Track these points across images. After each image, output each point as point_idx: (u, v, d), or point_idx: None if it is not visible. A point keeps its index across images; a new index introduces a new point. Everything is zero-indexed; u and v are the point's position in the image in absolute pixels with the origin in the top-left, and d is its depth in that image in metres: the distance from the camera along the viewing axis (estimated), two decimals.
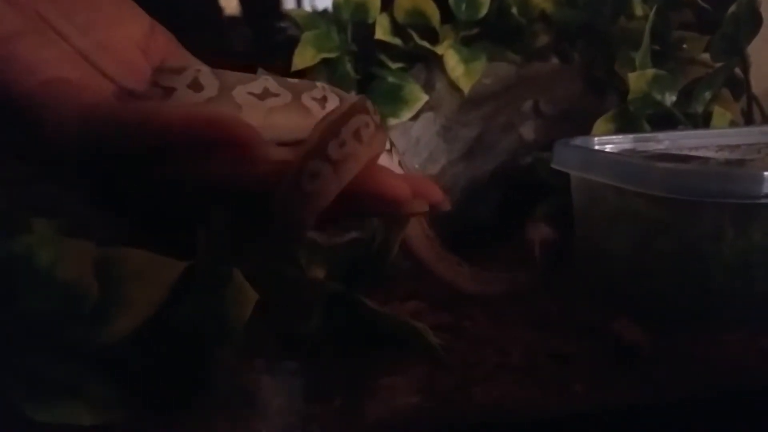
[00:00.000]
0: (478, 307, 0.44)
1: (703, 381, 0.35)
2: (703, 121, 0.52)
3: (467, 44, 0.57)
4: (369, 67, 0.54)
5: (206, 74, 0.32)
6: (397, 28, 0.55)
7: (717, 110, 0.51)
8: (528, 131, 0.57)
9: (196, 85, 0.31)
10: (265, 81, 0.33)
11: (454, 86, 0.56)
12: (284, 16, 0.54)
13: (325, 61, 0.52)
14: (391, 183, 0.30)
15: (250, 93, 0.32)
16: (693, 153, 0.48)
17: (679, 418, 0.34)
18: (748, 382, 0.35)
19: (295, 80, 0.35)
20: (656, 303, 0.40)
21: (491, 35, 0.58)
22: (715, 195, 0.35)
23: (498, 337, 0.40)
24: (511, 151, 0.57)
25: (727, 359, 0.36)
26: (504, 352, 0.38)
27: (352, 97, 0.37)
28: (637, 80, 0.49)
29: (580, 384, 0.34)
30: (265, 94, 0.32)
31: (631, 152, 0.49)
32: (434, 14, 0.55)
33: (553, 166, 0.46)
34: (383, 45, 0.54)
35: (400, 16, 0.55)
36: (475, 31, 0.58)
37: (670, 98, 0.50)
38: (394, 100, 0.52)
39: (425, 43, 0.54)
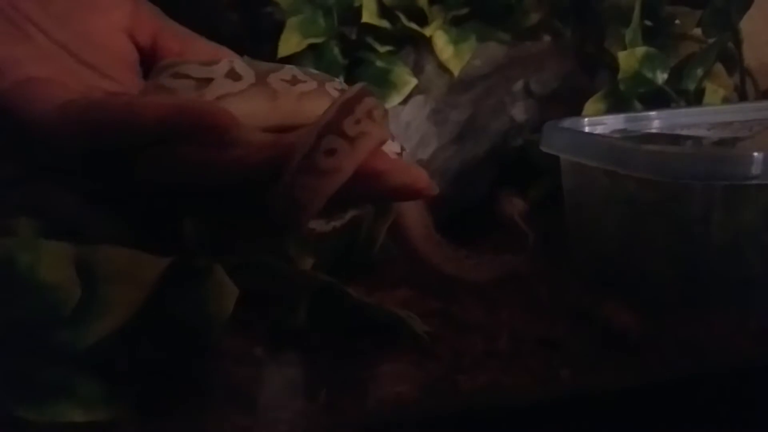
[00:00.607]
0: (468, 292, 0.44)
1: (691, 363, 0.35)
2: (696, 98, 0.51)
3: (456, 24, 0.56)
4: (356, 51, 0.54)
5: (239, 64, 0.33)
6: (384, 11, 0.54)
7: (709, 87, 0.50)
8: (519, 112, 0.56)
9: (234, 75, 0.32)
10: (291, 69, 0.34)
11: (443, 68, 0.55)
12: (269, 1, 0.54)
13: (311, 47, 0.52)
14: (413, 170, 0.31)
15: (282, 79, 0.33)
16: (685, 132, 0.48)
17: (666, 400, 0.33)
18: (736, 364, 0.35)
19: (316, 71, 0.36)
20: (646, 285, 0.40)
21: (481, 14, 0.57)
22: (703, 177, 0.35)
23: (487, 323, 0.40)
24: (502, 133, 0.56)
25: (715, 341, 0.36)
26: (492, 339, 0.38)
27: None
28: (627, 59, 0.48)
29: (567, 369, 0.34)
30: (294, 81, 0.33)
31: (622, 132, 0.48)
32: None
33: (542, 148, 0.45)
34: (370, 28, 0.53)
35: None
36: (464, 11, 0.57)
37: (661, 76, 0.50)
38: (383, 84, 0.51)
39: (413, 25, 0.53)
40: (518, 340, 0.38)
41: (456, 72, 0.54)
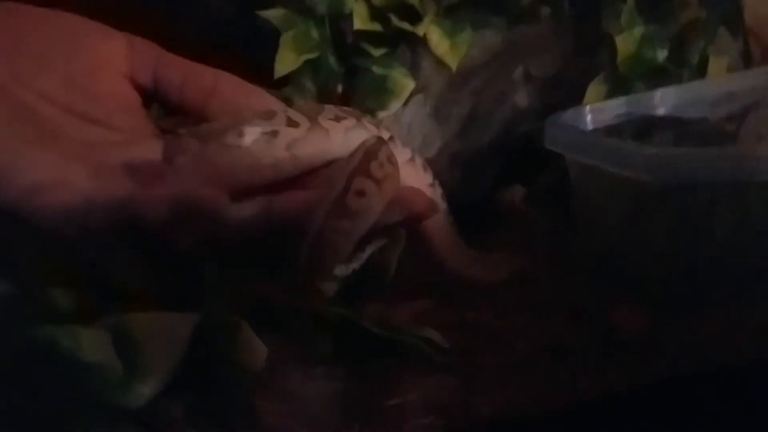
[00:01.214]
0: (483, 297, 0.45)
1: (692, 360, 0.36)
2: (700, 70, 0.51)
3: (450, 14, 0.55)
4: (351, 57, 0.53)
5: (292, 112, 0.34)
6: (375, 13, 0.54)
7: (713, 59, 0.49)
8: (522, 99, 0.56)
9: (292, 123, 0.33)
10: (332, 108, 0.36)
11: (441, 63, 0.54)
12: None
13: (308, 60, 0.52)
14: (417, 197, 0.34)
15: (329, 119, 0.35)
16: (690, 111, 0.47)
17: (667, 398, 0.34)
18: (737, 360, 0.35)
19: (349, 109, 0.38)
20: (651, 281, 0.40)
21: (473, 0, 0.56)
22: (704, 178, 0.35)
23: (504, 332, 0.41)
24: (506, 122, 0.56)
25: (716, 337, 0.36)
26: (510, 350, 0.39)
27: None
28: (624, 42, 0.48)
29: (583, 379, 0.35)
30: (338, 118, 0.35)
31: (626, 117, 0.48)
32: None
33: (546, 145, 0.45)
34: (364, 33, 0.53)
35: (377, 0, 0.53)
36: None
37: (661, 54, 0.49)
38: (381, 91, 0.51)
39: (406, 25, 0.53)
40: (535, 350, 0.38)
41: (454, 66, 0.54)
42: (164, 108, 0.41)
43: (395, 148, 0.37)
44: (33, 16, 0.36)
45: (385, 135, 0.37)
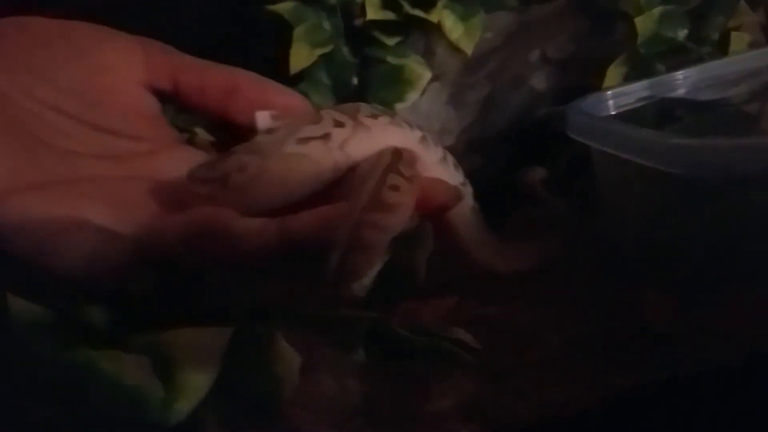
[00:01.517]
0: (512, 288, 0.45)
1: (727, 349, 0.36)
2: (721, 46, 0.50)
3: None
4: (364, 47, 0.53)
5: (334, 113, 0.34)
6: (387, 0, 0.53)
7: (734, 35, 0.48)
8: (539, 81, 0.55)
9: (338, 123, 0.33)
10: (367, 106, 0.36)
11: (455, 48, 0.54)
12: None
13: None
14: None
15: (367, 116, 0.35)
16: (713, 90, 0.47)
17: (703, 390, 0.34)
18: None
19: (382, 108, 0.38)
20: (677, 268, 0.40)
21: None
22: (730, 170, 0.35)
23: (536, 326, 0.41)
24: (524, 105, 0.56)
25: (747, 327, 0.36)
26: (543, 347, 0.39)
27: None
28: (643, 23, 0.47)
29: (619, 376, 0.35)
30: (374, 116, 0.35)
31: (648, 100, 0.47)
32: None
33: (569, 134, 0.45)
34: (376, 21, 0.52)
35: None
36: None
37: (681, 33, 0.48)
38: (397, 83, 0.51)
39: (418, 12, 0.52)
40: (568, 345, 0.38)
41: (469, 51, 0.53)
42: (179, 106, 0.41)
43: (428, 147, 0.37)
44: (46, 30, 0.36)
45: (418, 133, 0.37)
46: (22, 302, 0.32)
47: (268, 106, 0.36)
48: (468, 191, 0.41)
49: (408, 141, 0.36)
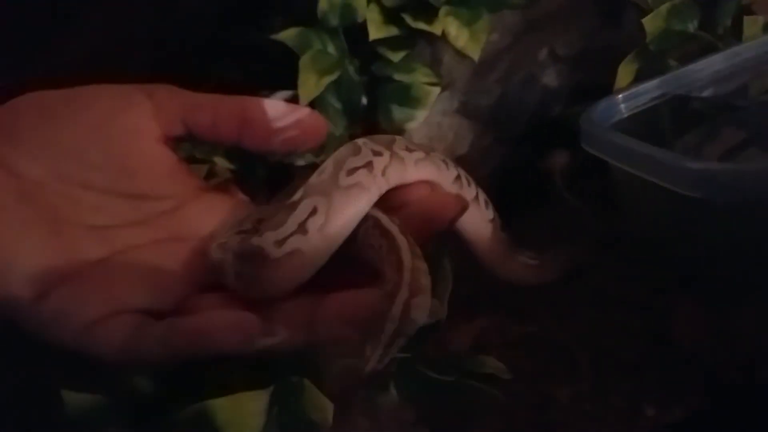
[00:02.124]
0: (540, 303, 0.45)
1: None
2: (735, 32, 0.49)
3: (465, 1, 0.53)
4: (370, 65, 0.52)
5: (371, 143, 0.35)
6: (388, 15, 0.52)
7: (747, 19, 0.47)
8: (551, 79, 0.54)
9: (377, 152, 0.34)
10: (402, 140, 0.36)
11: (463, 54, 0.53)
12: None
13: None
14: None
15: (402, 149, 0.35)
16: (726, 82, 0.46)
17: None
18: None
19: (418, 143, 0.38)
20: (703, 278, 0.40)
21: None
22: (749, 194, 0.34)
23: (567, 344, 0.41)
24: (537, 104, 0.55)
25: None
26: (577, 372, 0.39)
27: None
28: (652, 22, 0.46)
29: (652, 405, 0.36)
30: (409, 149, 0.36)
31: (660, 98, 0.47)
32: None
33: (584, 147, 0.44)
34: (380, 39, 0.52)
35: (388, 1, 0.52)
36: None
37: (692, 25, 0.47)
38: (406, 101, 0.51)
39: (421, 24, 0.51)
40: (603, 367, 0.39)
41: (476, 57, 0.52)
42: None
43: (461, 187, 0.38)
44: (59, 105, 0.36)
45: (454, 173, 0.38)
46: (75, 395, 0.34)
47: (280, 133, 0.37)
48: (497, 224, 0.41)
49: (442, 178, 0.37)
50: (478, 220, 0.40)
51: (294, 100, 0.50)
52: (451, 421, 0.38)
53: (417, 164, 0.36)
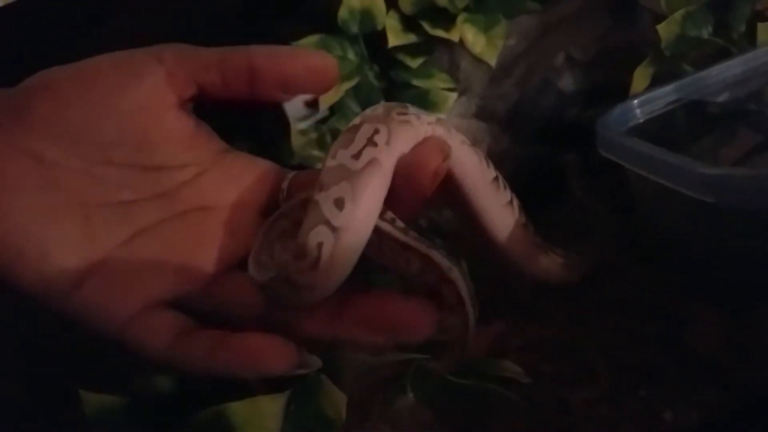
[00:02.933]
0: (558, 307, 0.46)
1: None
2: (748, 37, 0.49)
3: (480, 5, 0.54)
4: (389, 71, 0.53)
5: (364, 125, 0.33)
6: (407, 22, 0.53)
7: (761, 26, 0.47)
8: (566, 83, 0.55)
9: (375, 131, 0.32)
10: (396, 104, 0.33)
11: (479, 60, 0.54)
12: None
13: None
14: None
15: (398, 113, 0.32)
16: (741, 86, 0.46)
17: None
18: None
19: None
20: (724, 283, 0.41)
21: None
22: (765, 201, 0.35)
23: (585, 351, 0.42)
24: (553, 107, 0.56)
25: None
26: (595, 377, 0.40)
27: None
28: (666, 28, 0.46)
29: (669, 411, 0.36)
30: (400, 113, 0.33)
31: (676, 103, 0.47)
32: None
33: (600, 151, 0.45)
34: (399, 46, 0.53)
35: (406, 8, 0.53)
36: None
37: (706, 30, 0.47)
38: (425, 106, 0.51)
39: (439, 32, 0.52)
40: (621, 373, 0.40)
41: (493, 62, 0.53)
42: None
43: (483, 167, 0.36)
44: (70, 83, 0.34)
45: (460, 136, 0.35)
46: (93, 396, 0.35)
47: (290, 79, 0.35)
48: (515, 206, 0.40)
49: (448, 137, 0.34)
50: (495, 200, 0.39)
51: (314, 103, 0.52)
52: (468, 425, 0.39)
53: (422, 121, 0.32)
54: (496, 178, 0.37)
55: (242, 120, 0.44)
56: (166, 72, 0.34)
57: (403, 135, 0.32)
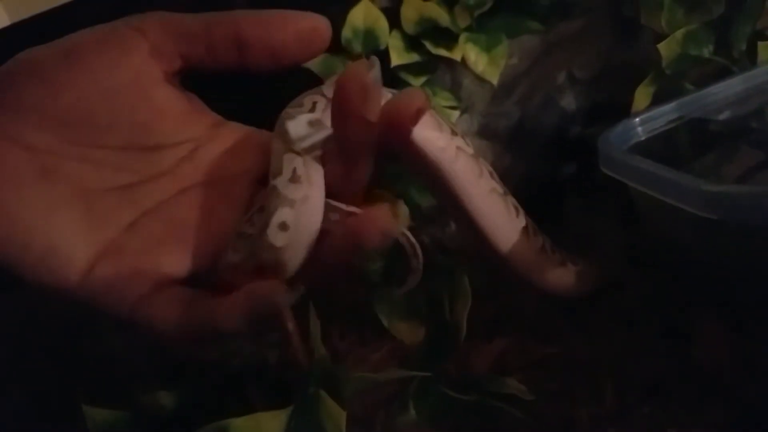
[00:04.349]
0: (564, 322, 0.46)
1: None
2: (749, 55, 0.49)
3: (483, 26, 0.55)
4: (391, 89, 0.54)
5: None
6: (410, 41, 0.53)
7: (761, 45, 0.48)
8: (569, 102, 0.55)
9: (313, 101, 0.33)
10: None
11: (481, 79, 0.54)
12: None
13: None
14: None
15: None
16: (743, 104, 0.47)
17: None
18: None
19: None
20: (729, 298, 0.41)
21: (506, 6, 0.56)
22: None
23: (591, 366, 0.42)
24: (555, 125, 0.56)
25: None
26: (600, 392, 0.40)
27: None
28: (667, 47, 0.47)
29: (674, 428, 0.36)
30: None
31: (678, 121, 0.47)
32: (441, 15, 0.53)
33: (602, 169, 0.45)
34: (402, 65, 0.53)
35: (409, 28, 0.53)
36: (488, 6, 0.55)
37: (707, 49, 0.48)
38: None
39: (442, 51, 0.53)
40: (627, 388, 0.39)
41: (495, 81, 0.54)
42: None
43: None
44: (53, 66, 0.32)
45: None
46: (96, 411, 0.35)
47: (280, 46, 0.33)
48: (528, 228, 0.41)
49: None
50: (499, 216, 0.40)
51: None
52: None
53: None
54: (493, 190, 0.38)
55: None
56: (151, 46, 0.33)
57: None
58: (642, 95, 0.49)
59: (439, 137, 0.37)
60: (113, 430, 0.35)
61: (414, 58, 0.53)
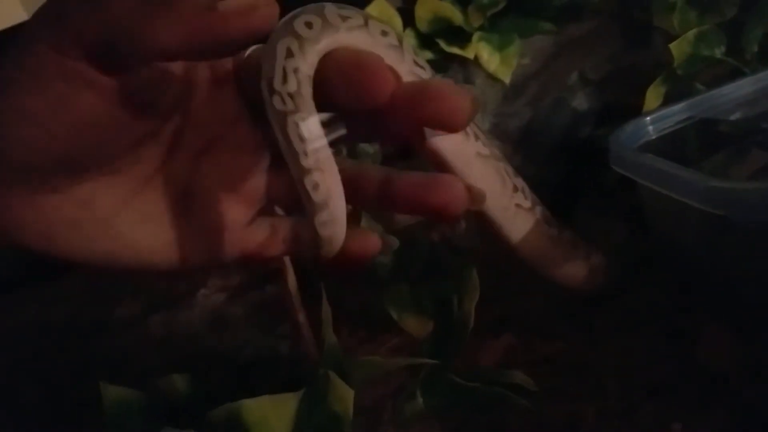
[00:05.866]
0: (569, 321, 0.46)
1: None
2: (761, 57, 0.50)
3: (496, 26, 0.55)
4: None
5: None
6: (423, 40, 0.54)
7: None
8: (580, 103, 0.56)
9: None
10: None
11: (494, 78, 0.55)
12: None
13: None
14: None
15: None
16: (753, 106, 0.47)
17: None
18: None
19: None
20: (735, 301, 0.41)
21: (519, 6, 0.56)
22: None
23: (595, 366, 0.42)
24: (566, 125, 0.56)
25: None
26: (604, 390, 0.40)
27: None
28: (679, 47, 0.47)
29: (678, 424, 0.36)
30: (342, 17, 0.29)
31: (688, 121, 0.48)
32: (455, 14, 0.54)
33: (612, 166, 0.46)
34: None
35: (423, 27, 0.54)
36: (501, 6, 0.56)
37: (719, 50, 0.48)
38: None
39: (455, 49, 0.53)
40: (630, 387, 0.40)
41: (507, 80, 0.54)
42: None
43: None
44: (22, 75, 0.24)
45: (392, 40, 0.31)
46: (113, 388, 0.36)
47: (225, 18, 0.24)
48: (538, 211, 0.41)
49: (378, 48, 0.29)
50: (504, 202, 0.40)
51: (331, 122, 0.52)
52: (478, 430, 0.39)
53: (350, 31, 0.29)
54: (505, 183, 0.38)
55: None
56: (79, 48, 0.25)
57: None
58: (653, 96, 0.50)
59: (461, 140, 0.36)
60: (127, 407, 0.36)
61: (427, 56, 0.54)
